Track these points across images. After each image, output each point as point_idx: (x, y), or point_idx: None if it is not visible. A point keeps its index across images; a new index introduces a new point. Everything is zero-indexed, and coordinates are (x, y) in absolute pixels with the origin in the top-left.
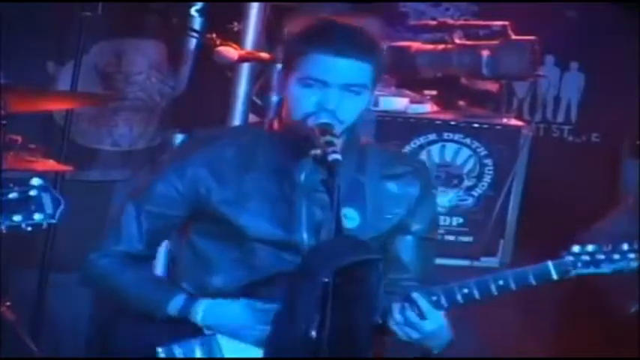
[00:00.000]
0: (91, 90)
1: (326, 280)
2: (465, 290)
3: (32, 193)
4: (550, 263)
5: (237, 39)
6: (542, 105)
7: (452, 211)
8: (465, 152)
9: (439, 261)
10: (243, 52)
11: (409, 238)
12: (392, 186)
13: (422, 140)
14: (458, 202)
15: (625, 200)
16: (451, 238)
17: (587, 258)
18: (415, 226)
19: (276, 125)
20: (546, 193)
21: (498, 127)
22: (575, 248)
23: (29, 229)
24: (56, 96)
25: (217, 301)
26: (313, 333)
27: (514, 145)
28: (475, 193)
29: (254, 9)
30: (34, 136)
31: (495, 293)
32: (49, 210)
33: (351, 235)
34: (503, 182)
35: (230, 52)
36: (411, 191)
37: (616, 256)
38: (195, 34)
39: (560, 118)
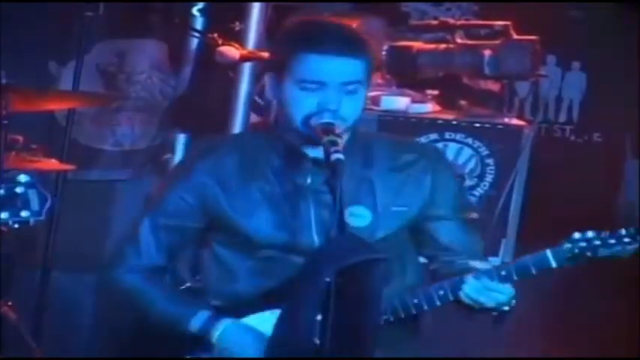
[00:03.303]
0: (93, 90)
1: (328, 280)
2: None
3: (18, 190)
4: (548, 251)
5: (238, 38)
6: (544, 105)
7: None
8: (467, 152)
9: None
10: (244, 52)
11: (439, 223)
12: (402, 177)
13: (423, 140)
14: None
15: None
16: None
17: (584, 244)
18: (440, 211)
19: (275, 129)
20: (548, 193)
21: (500, 126)
22: (576, 235)
23: (16, 226)
24: (58, 96)
25: (238, 326)
26: (316, 340)
27: (516, 145)
28: (477, 193)
29: (255, 8)
30: (36, 135)
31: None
32: (35, 207)
33: (354, 234)
34: (504, 182)
35: (232, 51)
36: (424, 179)
37: (612, 241)
38: (196, 34)
39: (562, 118)
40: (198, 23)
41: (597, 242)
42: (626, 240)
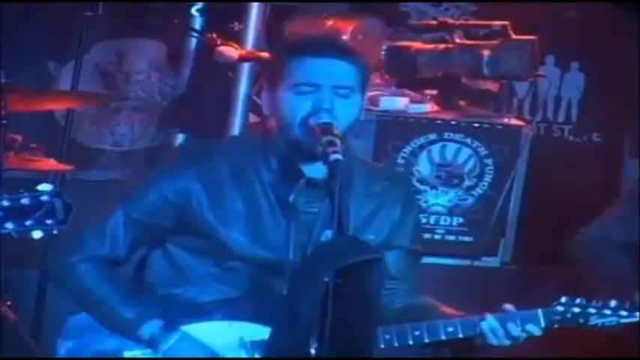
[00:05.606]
0: (92, 90)
1: (327, 280)
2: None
3: (44, 198)
4: (540, 311)
5: (237, 38)
6: (543, 105)
7: (452, 211)
8: (466, 152)
9: (441, 261)
10: (243, 52)
11: (395, 252)
12: (374, 205)
13: (422, 140)
14: (458, 202)
15: (618, 203)
16: (451, 237)
17: (577, 310)
18: (400, 242)
19: (270, 140)
20: (547, 193)
21: (499, 126)
22: (563, 299)
23: (40, 234)
24: (57, 96)
25: (188, 340)
26: (313, 348)
27: (515, 145)
28: (475, 193)
29: (254, 8)
30: (35, 135)
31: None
32: (60, 216)
33: (352, 235)
34: (503, 182)
35: (230, 51)
36: (394, 210)
37: (607, 312)
38: (195, 34)
39: (561, 118)
40: (197, 23)
41: (591, 310)
42: (623, 313)
